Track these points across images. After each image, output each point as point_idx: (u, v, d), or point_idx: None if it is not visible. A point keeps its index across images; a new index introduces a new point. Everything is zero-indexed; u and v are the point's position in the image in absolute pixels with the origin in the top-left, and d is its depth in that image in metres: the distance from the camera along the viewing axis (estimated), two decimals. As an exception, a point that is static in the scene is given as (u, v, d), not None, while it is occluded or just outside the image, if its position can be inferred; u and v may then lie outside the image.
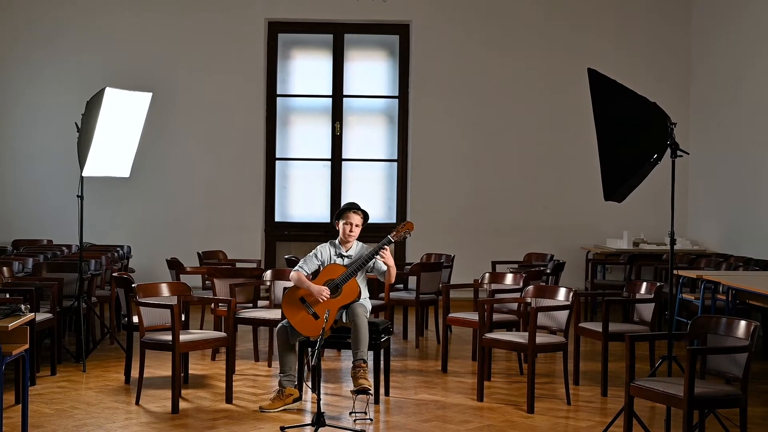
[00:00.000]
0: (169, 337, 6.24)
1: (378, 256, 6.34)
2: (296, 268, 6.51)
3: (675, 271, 5.83)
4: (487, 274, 7.95)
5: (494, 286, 7.84)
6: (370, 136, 12.40)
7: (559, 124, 12.31)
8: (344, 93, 12.29)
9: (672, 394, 4.87)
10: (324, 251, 6.57)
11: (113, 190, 11.85)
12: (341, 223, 6.53)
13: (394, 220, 12.34)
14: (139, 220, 12.09)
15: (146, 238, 11.96)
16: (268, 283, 8.02)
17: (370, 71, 12.41)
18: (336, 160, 12.32)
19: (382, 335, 6.52)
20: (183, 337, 6.30)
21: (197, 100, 12.12)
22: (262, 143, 12.21)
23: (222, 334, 6.59)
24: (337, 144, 12.30)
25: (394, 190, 12.38)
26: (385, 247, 6.36)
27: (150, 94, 8.08)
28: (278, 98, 12.30)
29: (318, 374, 5.70)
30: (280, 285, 7.89)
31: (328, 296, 6.31)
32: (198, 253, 10.11)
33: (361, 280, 6.49)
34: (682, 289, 8.53)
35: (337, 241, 6.62)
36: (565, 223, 12.25)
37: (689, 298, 8.40)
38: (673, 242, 5.67)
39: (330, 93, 12.30)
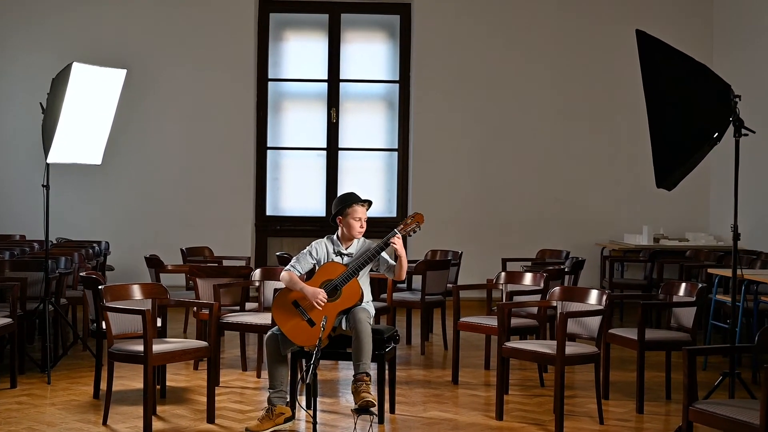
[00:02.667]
0: (141, 348, 5.38)
1: (392, 243, 5.49)
2: (287, 267, 5.66)
3: (738, 273, 4.94)
4: (503, 274, 7.12)
5: (511, 287, 7.02)
6: (368, 124, 11.72)
7: (572, 111, 11.55)
8: (341, 77, 11.60)
9: (744, 422, 4.01)
10: (320, 248, 5.72)
11: (91, 180, 11.14)
12: (348, 219, 5.66)
13: (394, 215, 11.58)
14: (119, 214, 11.32)
15: (127, 233, 11.21)
16: (257, 284, 7.17)
17: (369, 54, 11.71)
18: (332, 149, 11.62)
19: (388, 344, 5.70)
20: (157, 348, 5.45)
21: (180, 83, 11.34)
22: (252, 131, 11.46)
23: (202, 343, 5.71)
24: (333, 132, 11.59)
25: (394, 181, 11.66)
26: (398, 235, 5.52)
27: (124, 71, 7.21)
28: (270, 82, 11.60)
29: (314, 392, 4.85)
30: (271, 286, 7.06)
31: (325, 300, 5.47)
32: (181, 250, 9.30)
33: (363, 281, 5.65)
34: (716, 290, 7.71)
35: (335, 237, 5.77)
36: (577, 218, 11.51)
37: (724, 299, 7.59)
38: (736, 238, 4.82)
39: (325, 77, 11.60)
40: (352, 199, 5.71)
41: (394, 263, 5.65)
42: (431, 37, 11.44)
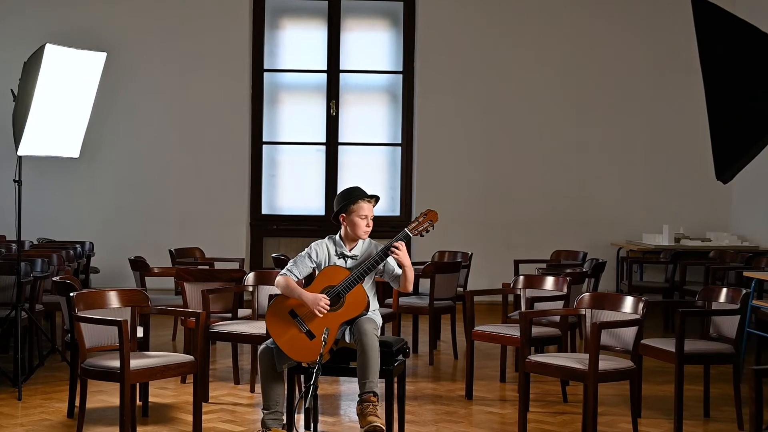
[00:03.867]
0: (118, 363, 4.73)
1: (392, 252, 4.87)
2: (283, 271, 5.02)
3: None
4: (521, 278, 6.49)
5: (530, 292, 6.38)
6: (370, 117, 11.16)
7: (585, 102, 10.96)
8: (341, 68, 11.03)
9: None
10: (321, 250, 5.08)
11: (76, 176, 10.55)
12: (352, 217, 5.03)
13: (398, 213, 10.97)
14: (106, 212, 10.69)
15: (113, 232, 10.58)
16: (251, 289, 6.52)
17: (371, 43, 11.15)
18: (331, 144, 11.05)
19: (397, 357, 5.05)
20: (136, 363, 4.81)
21: (169, 72, 10.72)
22: (247, 125, 10.85)
23: (187, 358, 5.06)
24: (333, 126, 11.02)
25: (397, 178, 11.08)
26: (400, 240, 4.89)
27: (103, 55, 6.55)
28: (266, 73, 11.02)
29: (314, 417, 4.20)
30: (266, 291, 6.43)
31: (328, 307, 4.82)
32: (170, 251, 8.66)
33: (369, 287, 5.01)
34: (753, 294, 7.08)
35: (338, 237, 5.13)
36: (591, 217, 10.92)
37: (761, 304, 6.96)
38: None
39: (325, 68, 11.04)
40: (356, 194, 5.06)
41: (400, 272, 5.01)
42: (436, 25, 10.84)
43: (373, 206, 5.10)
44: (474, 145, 10.88)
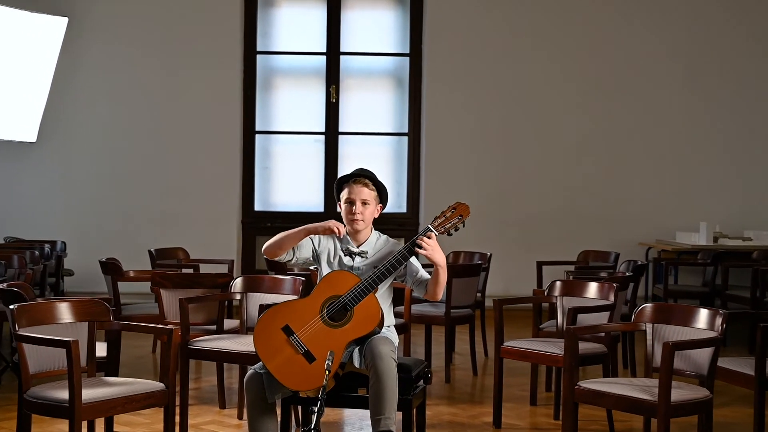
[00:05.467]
0: (67, 394, 3.77)
1: (418, 248, 3.97)
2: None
3: None
4: (557, 284, 5.54)
5: (568, 301, 5.43)
6: (373, 104, 10.49)
7: (609, 88, 10.16)
8: (342, 50, 10.34)
9: None
10: (324, 238, 4.22)
11: (45, 167, 9.69)
12: (341, 203, 4.22)
13: (404, 210, 10.23)
14: (82, 208, 9.92)
15: (90, 231, 9.85)
16: (239, 297, 5.55)
17: (375, 22, 10.48)
18: (331, 133, 10.35)
19: (417, 384, 4.13)
20: (91, 394, 3.84)
21: (149, 50, 9.91)
22: (238, 112, 10.13)
23: (156, 386, 4.08)
24: (333, 114, 10.33)
25: (404, 171, 10.31)
26: (430, 233, 3.98)
27: (65, 20, 5.59)
28: (258, 56, 10.32)
29: (315, 470, 3.23)
30: (256, 299, 5.46)
31: (343, 228, 4.10)
32: (149, 252, 7.75)
33: (383, 298, 4.06)
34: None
35: (344, 230, 4.20)
36: (616, 213, 10.13)
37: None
38: None
39: (324, 50, 10.34)
40: (352, 173, 4.25)
41: (427, 276, 4.07)
42: (447, 2, 10.10)
43: (372, 191, 4.18)
44: (488, 134, 10.14)
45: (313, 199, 10.27)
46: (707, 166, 10.15)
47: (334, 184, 4.34)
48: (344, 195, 4.18)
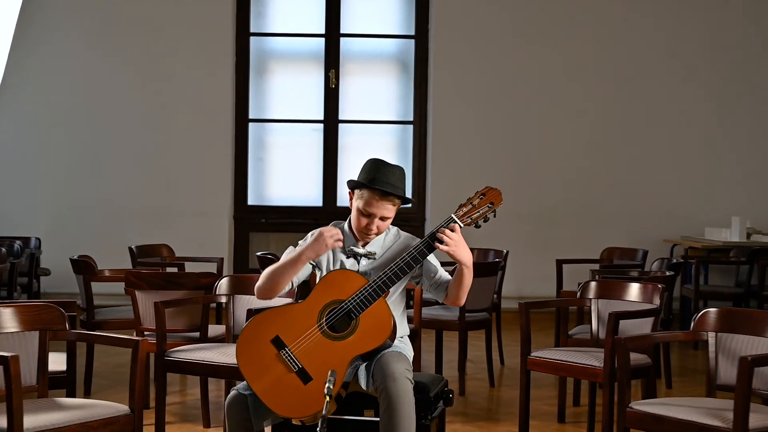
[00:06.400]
0: (5, 422, 3.08)
1: (438, 242, 3.32)
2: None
3: None
4: (592, 284, 4.87)
5: (603, 304, 4.77)
6: (375, 90, 10.06)
7: (630, 71, 9.57)
8: (342, 31, 9.87)
9: None
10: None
11: (18, 156, 9.28)
12: (358, 203, 3.48)
13: (408, 204, 9.40)
14: (59, 202, 9.41)
15: (68, 226, 9.31)
16: (224, 300, 4.84)
17: (377, 2, 10.01)
18: (330, 121, 9.88)
19: (436, 406, 3.47)
20: (35, 421, 3.15)
21: (133, 29, 9.42)
22: (229, 99, 9.65)
23: (121, 409, 3.37)
24: (333, 100, 9.87)
25: (409, 161, 9.81)
26: (453, 224, 3.35)
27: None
28: (252, 38, 9.84)
29: None
30: (245, 302, 4.78)
31: (341, 238, 3.42)
32: (130, 249, 7.12)
33: (396, 303, 3.36)
34: None
35: (346, 226, 3.54)
36: (638, 207, 9.55)
37: None
38: None
39: (323, 31, 9.88)
40: (381, 175, 3.49)
41: (448, 277, 3.38)
42: None
43: (395, 208, 3.49)
44: (500, 123, 9.62)
45: (310, 193, 9.80)
46: (737, 156, 9.58)
47: (365, 165, 3.59)
48: (362, 203, 3.44)
